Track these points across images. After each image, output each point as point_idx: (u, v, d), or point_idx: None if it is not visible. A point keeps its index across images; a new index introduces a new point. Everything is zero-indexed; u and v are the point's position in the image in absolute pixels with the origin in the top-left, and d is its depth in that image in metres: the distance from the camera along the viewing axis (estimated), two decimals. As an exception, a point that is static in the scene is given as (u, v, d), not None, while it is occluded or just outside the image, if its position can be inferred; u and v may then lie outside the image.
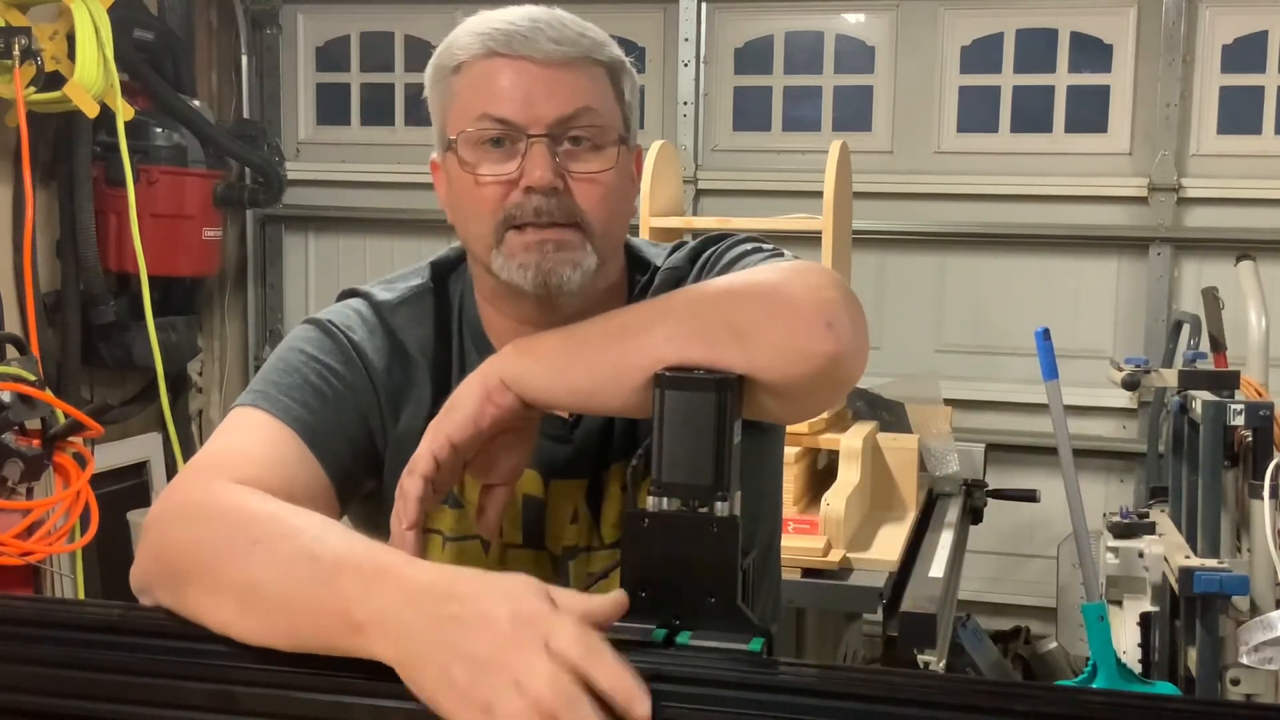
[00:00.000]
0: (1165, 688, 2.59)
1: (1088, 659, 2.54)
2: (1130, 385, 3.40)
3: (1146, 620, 2.90)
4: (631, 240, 1.27)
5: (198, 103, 4.05)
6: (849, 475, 2.51)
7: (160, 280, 3.78)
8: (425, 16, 4.35)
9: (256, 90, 4.55)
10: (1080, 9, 3.98)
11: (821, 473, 2.71)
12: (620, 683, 0.75)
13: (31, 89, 3.32)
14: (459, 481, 1.09)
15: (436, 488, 1.00)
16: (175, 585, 0.93)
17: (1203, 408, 2.70)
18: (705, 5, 4.18)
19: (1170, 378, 3.16)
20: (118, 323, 3.78)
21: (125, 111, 3.52)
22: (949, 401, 3.22)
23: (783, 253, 1.19)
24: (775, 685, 0.79)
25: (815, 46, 4.21)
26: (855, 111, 4.19)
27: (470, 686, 0.76)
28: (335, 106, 4.60)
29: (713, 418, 0.90)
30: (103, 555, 3.43)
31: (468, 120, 1.11)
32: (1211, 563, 2.55)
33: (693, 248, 1.26)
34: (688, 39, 4.18)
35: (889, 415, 2.94)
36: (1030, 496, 3.34)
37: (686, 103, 4.19)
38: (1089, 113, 4.00)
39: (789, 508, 2.35)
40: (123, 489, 3.87)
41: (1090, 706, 0.78)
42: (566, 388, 1.00)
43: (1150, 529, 2.97)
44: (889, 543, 2.48)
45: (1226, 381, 2.83)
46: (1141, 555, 2.91)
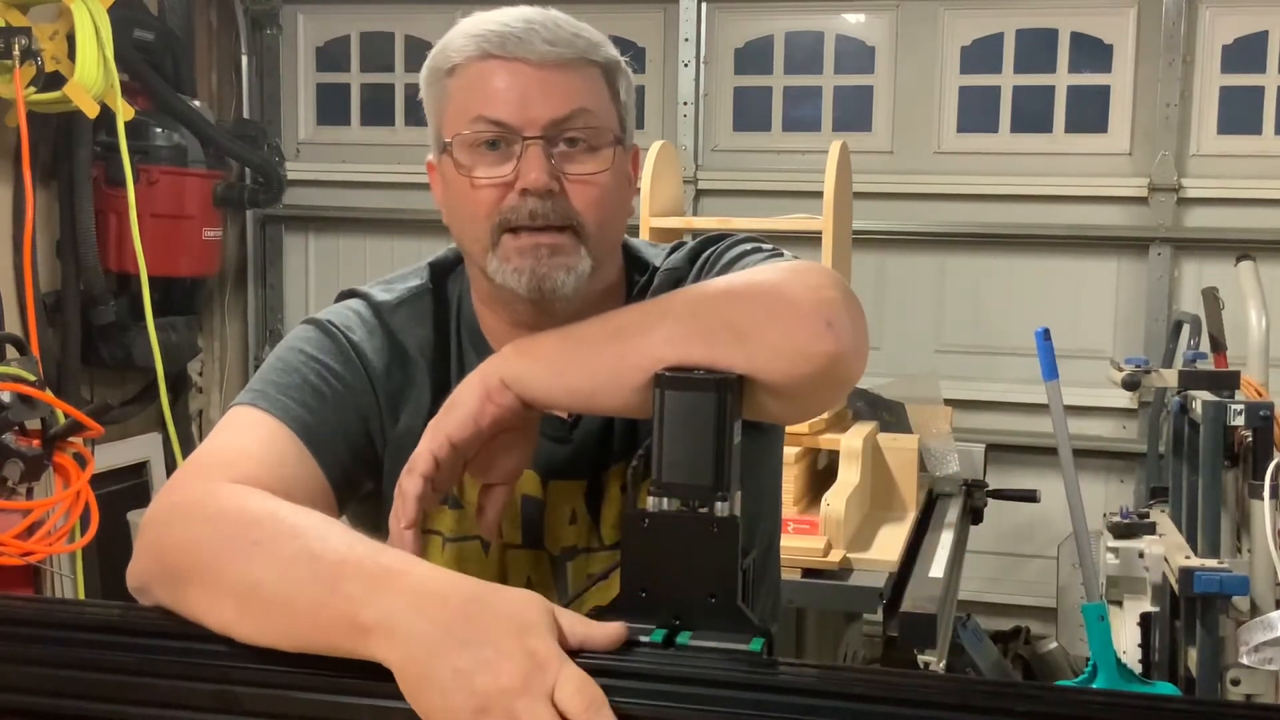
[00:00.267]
0: (1165, 688, 2.59)
1: (1088, 659, 2.54)
2: (1130, 385, 3.40)
3: (1146, 620, 2.90)
4: (630, 241, 1.26)
5: (198, 103, 4.05)
6: (849, 475, 2.51)
7: (160, 280, 3.78)
8: (425, 16, 4.35)
9: (256, 90, 4.55)
10: (1080, 9, 3.98)
11: (821, 473, 2.71)
12: None
13: (31, 89, 3.32)
14: (458, 481, 1.09)
15: (436, 487, 1.00)
16: (174, 585, 0.93)
17: (1203, 408, 2.70)
18: (705, 5, 4.18)
19: (1170, 378, 3.16)
20: (118, 323, 3.78)
21: (125, 111, 3.52)
22: (949, 401, 3.22)
23: (782, 253, 1.18)
24: (775, 685, 0.79)
25: (815, 46, 4.21)
26: (855, 112, 4.19)
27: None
28: (335, 107, 4.60)
29: (713, 418, 0.90)
30: (103, 555, 3.42)
31: (463, 122, 1.11)
32: (1211, 563, 2.55)
33: (692, 248, 1.25)
34: (688, 39, 4.18)
35: (889, 415, 2.94)
36: (1030, 497, 3.34)
37: (686, 103, 4.19)
38: (1089, 113, 4.00)
39: (789, 508, 2.35)
40: (123, 489, 3.87)
41: (1090, 707, 0.78)
42: (566, 388, 1.00)
43: (1150, 529, 2.97)
44: (889, 543, 2.48)
45: (1226, 382, 2.83)
46: (1141, 555, 2.91)
